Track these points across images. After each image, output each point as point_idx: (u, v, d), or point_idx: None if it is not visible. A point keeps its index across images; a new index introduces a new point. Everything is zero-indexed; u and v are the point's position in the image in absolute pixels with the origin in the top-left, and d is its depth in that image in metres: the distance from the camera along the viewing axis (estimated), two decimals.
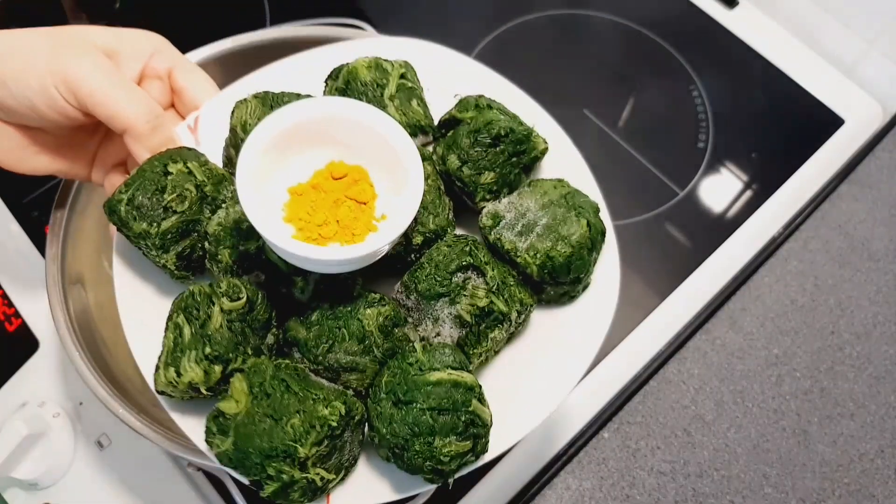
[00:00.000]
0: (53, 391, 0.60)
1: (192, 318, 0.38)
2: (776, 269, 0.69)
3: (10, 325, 0.62)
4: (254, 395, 0.36)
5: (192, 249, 0.42)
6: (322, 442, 0.36)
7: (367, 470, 0.40)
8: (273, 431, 0.35)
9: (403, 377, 0.37)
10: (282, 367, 0.37)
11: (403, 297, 0.41)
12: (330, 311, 0.39)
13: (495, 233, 0.42)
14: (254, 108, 0.44)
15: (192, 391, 0.38)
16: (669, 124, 0.77)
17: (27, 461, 0.55)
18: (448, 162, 0.43)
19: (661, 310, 0.66)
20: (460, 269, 0.40)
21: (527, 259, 0.41)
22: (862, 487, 0.60)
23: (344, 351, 0.38)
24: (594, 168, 0.46)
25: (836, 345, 0.65)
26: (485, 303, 0.39)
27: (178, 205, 0.40)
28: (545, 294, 0.43)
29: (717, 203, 0.72)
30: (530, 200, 0.42)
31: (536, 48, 0.81)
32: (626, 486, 0.60)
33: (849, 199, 0.72)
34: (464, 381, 0.37)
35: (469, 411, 0.36)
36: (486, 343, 0.40)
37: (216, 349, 0.37)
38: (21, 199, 0.69)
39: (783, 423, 0.62)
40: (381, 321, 0.39)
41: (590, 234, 0.41)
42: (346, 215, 0.38)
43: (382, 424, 0.36)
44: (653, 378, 0.64)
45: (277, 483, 0.36)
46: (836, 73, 0.79)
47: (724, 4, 0.84)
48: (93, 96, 0.41)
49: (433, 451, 0.36)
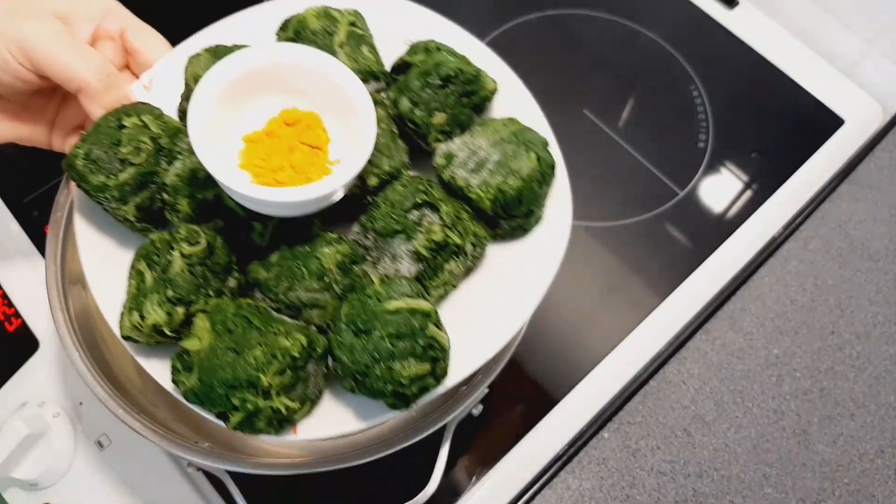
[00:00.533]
0: (53, 391, 0.60)
1: (154, 263, 0.39)
2: (776, 269, 0.69)
3: (10, 325, 0.62)
4: (216, 332, 0.37)
5: (152, 201, 0.42)
6: (284, 371, 0.37)
7: (332, 403, 0.41)
8: (236, 363, 0.36)
9: (362, 307, 0.38)
10: (243, 306, 0.39)
11: (362, 237, 0.42)
12: (289, 251, 0.40)
13: (448, 171, 0.43)
14: (206, 62, 0.44)
15: (157, 334, 0.39)
16: (669, 124, 0.77)
17: (27, 461, 0.55)
18: (400, 105, 0.44)
19: (661, 310, 0.66)
20: (415, 207, 0.41)
21: (479, 194, 0.42)
22: (862, 487, 0.60)
23: (304, 289, 0.40)
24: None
25: (836, 345, 0.65)
26: (440, 237, 0.41)
27: (135, 157, 0.41)
28: (500, 229, 0.44)
29: (717, 203, 0.72)
30: (482, 139, 0.44)
31: (536, 48, 0.81)
32: (626, 486, 0.60)
33: (849, 199, 0.72)
34: (420, 307, 0.38)
35: (426, 336, 0.37)
36: (443, 275, 0.42)
37: (178, 292, 0.38)
38: (21, 199, 0.69)
39: (783, 423, 0.62)
40: (339, 258, 0.40)
41: (539, 168, 0.43)
42: (300, 160, 0.39)
43: (344, 353, 0.38)
44: (653, 378, 0.64)
45: (242, 413, 0.37)
46: (836, 73, 0.79)
47: (724, 4, 0.84)
48: (46, 58, 0.42)
49: (394, 375, 0.37)
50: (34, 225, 0.67)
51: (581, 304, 0.67)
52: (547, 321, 0.66)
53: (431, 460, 0.52)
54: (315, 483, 0.58)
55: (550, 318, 0.66)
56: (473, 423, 0.61)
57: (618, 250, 0.70)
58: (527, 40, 0.81)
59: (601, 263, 0.69)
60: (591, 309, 0.67)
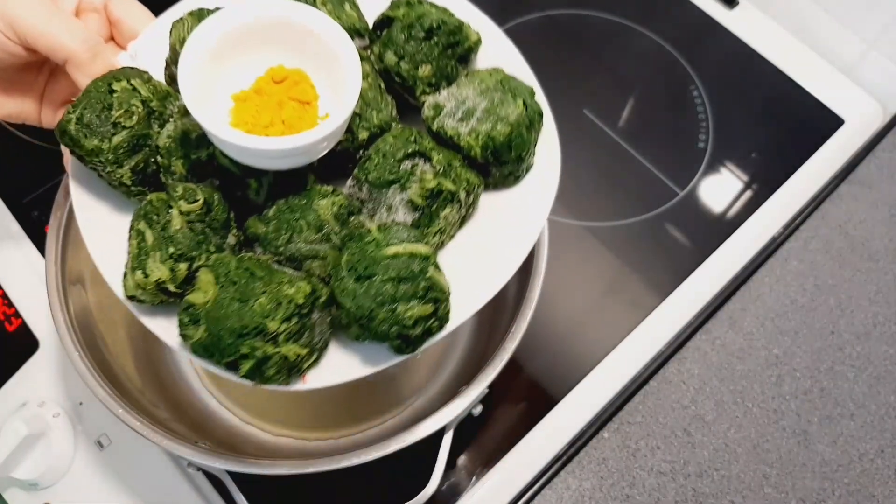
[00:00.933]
0: (53, 391, 0.60)
1: (153, 223, 0.39)
2: (776, 269, 0.69)
3: (10, 325, 0.62)
4: (220, 285, 0.38)
5: (146, 164, 0.43)
6: (291, 318, 0.37)
7: (339, 351, 0.41)
8: (242, 311, 0.37)
9: (362, 255, 0.38)
10: (245, 259, 0.39)
11: (356, 189, 0.43)
12: (286, 205, 0.41)
13: (438, 122, 0.43)
14: (190, 25, 0.44)
15: (162, 292, 0.39)
16: (669, 124, 0.77)
17: (27, 461, 0.55)
18: (386, 59, 0.45)
19: (661, 310, 0.66)
20: (407, 157, 0.42)
21: (469, 142, 0.42)
22: (862, 487, 0.60)
23: (303, 240, 0.40)
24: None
25: (836, 345, 0.65)
26: (433, 184, 0.41)
27: (127, 120, 0.41)
28: (491, 177, 0.45)
29: (717, 203, 0.72)
30: (468, 89, 0.44)
31: (536, 48, 0.81)
32: (626, 486, 0.60)
33: (849, 199, 0.72)
34: (419, 251, 0.39)
35: (427, 278, 0.38)
36: (439, 222, 0.42)
37: (179, 248, 0.39)
38: (21, 199, 0.69)
39: (783, 423, 0.62)
40: (336, 210, 0.41)
41: (527, 114, 0.43)
42: (290, 115, 0.40)
43: (347, 299, 0.38)
44: (653, 378, 0.64)
45: (252, 360, 0.37)
46: (836, 73, 0.79)
47: (724, 4, 0.84)
48: (31, 29, 0.42)
49: (397, 317, 0.37)
50: (34, 225, 0.67)
51: (581, 303, 0.67)
52: (547, 321, 0.66)
53: (431, 460, 0.52)
54: (315, 483, 0.58)
55: (550, 318, 0.66)
56: (473, 423, 0.61)
57: (618, 250, 0.70)
58: (527, 40, 0.81)
59: (601, 263, 0.69)
60: (591, 309, 0.67)
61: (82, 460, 0.58)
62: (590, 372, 0.63)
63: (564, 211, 0.71)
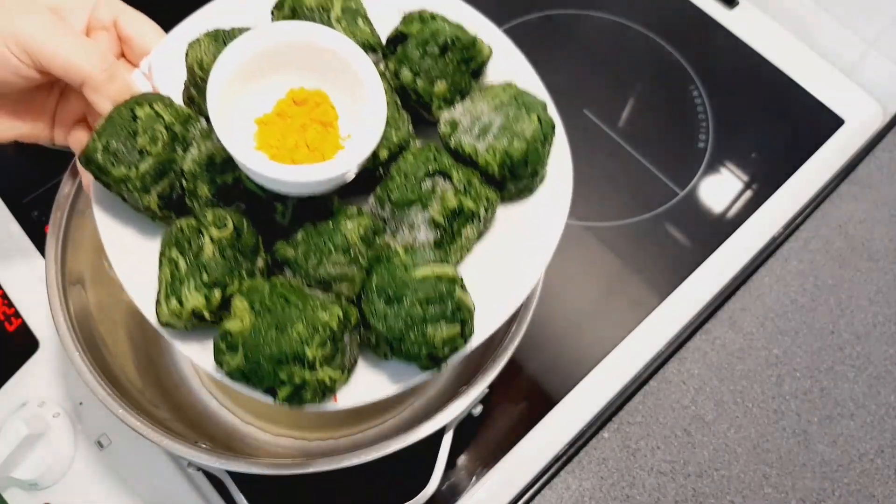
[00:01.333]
0: (53, 391, 0.60)
1: (186, 250, 0.40)
2: (776, 269, 0.69)
3: (10, 325, 0.62)
4: (256, 312, 0.38)
5: (172, 189, 0.43)
6: (326, 344, 0.38)
7: (367, 370, 0.43)
8: (280, 339, 0.38)
9: (391, 278, 0.39)
10: (278, 285, 0.40)
11: (379, 209, 0.44)
12: (313, 228, 0.41)
13: (455, 138, 0.44)
14: (207, 46, 0.44)
15: (196, 318, 0.40)
16: (669, 124, 0.77)
17: (27, 461, 0.55)
18: (402, 76, 0.45)
19: (661, 310, 0.66)
20: (428, 176, 0.42)
21: (487, 159, 0.43)
22: (862, 487, 0.60)
23: (332, 263, 0.41)
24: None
25: (836, 345, 0.65)
26: (454, 203, 0.42)
27: (152, 146, 0.41)
28: (507, 191, 0.45)
29: (717, 203, 0.72)
30: (483, 104, 0.45)
31: (536, 48, 0.81)
32: (626, 486, 0.60)
33: (849, 199, 0.72)
34: (446, 273, 0.40)
35: (454, 299, 0.39)
36: (461, 240, 0.43)
37: (213, 275, 0.39)
38: (21, 199, 0.69)
39: (783, 423, 0.62)
40: (363, 232, 0.41)
41: (542, 129, 0.44)
42: (314, 138, 0.40)
43: (378, 322, 0.39)
44: (653, 378, 0.64)
45: (290, 386, 0.38)
46: (836, 73, 0.79)
47: (724, 4, 0.84)
48: (46, 52, 0.42)
49: (427, 338, 0.39)
50: (34, 225, 0.67)
51: (581, 304, 0.67)
52: (547, 321, 0.66)
53: (431, 460, 0.52)
54: (315, 483, 0.58)
55: (550, 318, 0.66)
56: (473, 423, 0.61)
57: (618, 250, 0.70)
58: (527, 40, 0.81)
59: (601, 263, 0.69)
60: (591, 309, 0.67)
61: (82, 460, 0.58)
62: (590, 372, 0.63)
63: None
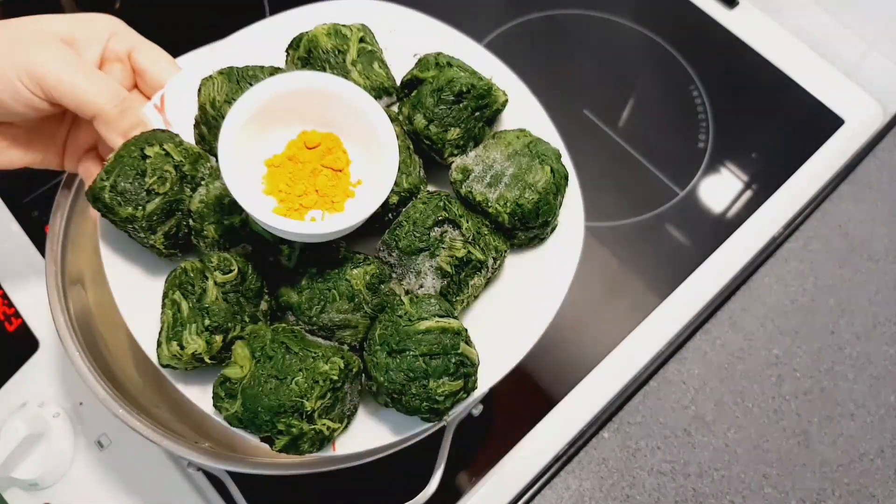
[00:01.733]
0: (53, 391, 0.60)
1: (189, 293, 0.40)
2: (776, 269, 0.69)
3: (10, 325, 0.62)
4: (256, 359, 0.38)
5: (178, 228, 0.43)
6: (325, 395, 0.38)
7: (367, 417, 0.42)
8: (279, 390, 0.37)
9: (395, 329, 0.39)
10: (280, 331, 0.39)
11: (386, 254, 0.43)
12: (318, 274, 0.41)
13: (466, 186, 0.44)
14: (220, 85, 0.44)
15: (196, 361, 0.40)
16: (669, 124, 0.77)
17: (27, 461, 0.55)
18: (415, 122, 0.45)
19: (661, 310, 0.66)
20: (437, 224, 0.42)
21: (498, 208, 0.43)
22: (862, 487, 0.60)
23: (336, 310, 0.40)
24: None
25: (836, 345, 0.65)
26: (463, 253, 0.42)
27: (160, 186, 0.41)
28: (517, 239, 0.45)
29: (717, 203, 0.72)
30: (496, 152, 0.44)
31: (536, 48, 0.81)
32: (626, 486, 0.60)
33: (849, 199, 0.72)
34: (451, 326, 0.39)
35: (458, 353, 0.39)
36: (468, 290, 0.43)
37: (215, 320, 0.39)
38: (21, 199, 0.69)
39: (783, 423, 0.62)
40: (368, 279, 0.41)
41: (554, 180, 0.44)
42: (324, 184, 0.40)
43: (380, 373, 0.39)
44: (653, 378, 0.64)
45: (288, 436, 0.38)
46: (836, 73, 0.79)
47: (724, 4, 0.84)
48: (59, 85, 0.42)
49: (429, 393, 0.38)
50: (34, 225, 0.67)
51: (581, 304, 0.67)
52: None
53: (431, 460, 0.52)
54: (315, 483, 0.58)
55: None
56: (473, 423, 0.61)
57: (618, 250, 0.70)
58: (527, 40, 0.81)
59: (601, 263, 0.69)
60: (591, 309, 0.67)
61: (82, 460, 0.58)
62: (590, 372, 0.63)
63: None
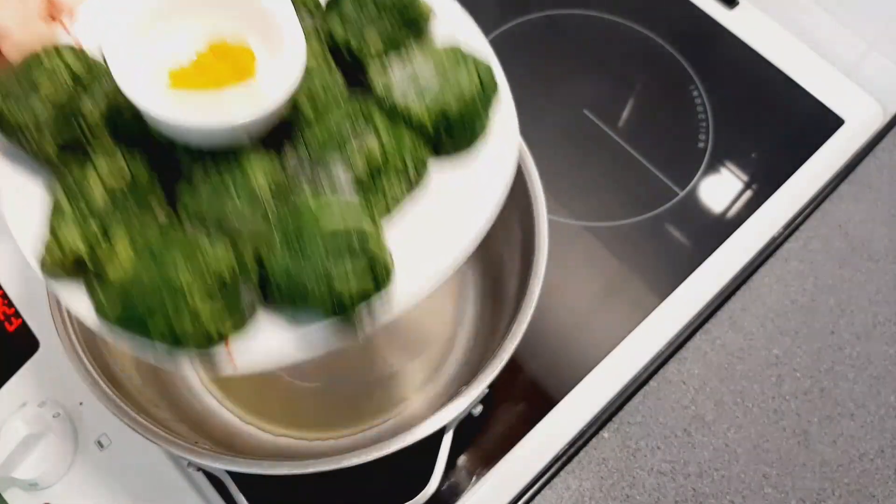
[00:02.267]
0: (53, 391, 0.60)
1: (73, 196, 0.38)
2: (776, 269, 0.69)
3: (10, 325, 0.62)
4: (140, 257, 0.36)
5: (74, 139, 0.41)
6: (214, 294, 0.35)
7: (270, 332, 0.39)
8: (162, 287, 0.35)
9: (299, 230, 0.37)
10: (165, 230, 0.37)
11: (298, 162, 0.41)
12: (218, 175, 0.38)
13: (389, 98, 0.42)
14: None
15: (78, 266, 0.38)
16: (669, 124, 0.77)
17: (27, 461, 0.55)
18: (334, 34, 0.44)
19: (661, 310, 0.66)
20: (353, 127, 0.40)
21: (421, 117, 0.41)
22: (862, 487, 0.60)
23: (237, 213, 0.38)
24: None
25: (836, 345, 0.65)
26: (379, 158, 0.40)
27: (55, 95, 0.40)
28: (443, 149, 0.43)
29: (717, 203, 0.72)
30: (421, 64, 0.43)
31: (536, 48, 0.81)
32: (626, 486, 0.60)
33: (849, 199, 0.72)
34: (359, 227, 0.37)
35: (368, 252, 0.36)
36: (384, 197, 0.41)
37: (98, 220, 0.38)
38: None
39: (783, 423, 0.62)
40: (272, 179, 0.39)
41: (482, 87, 0.42)
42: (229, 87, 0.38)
43: (282, 276, 0.36)
44: (653, 378, 0.64)
45: (171, 336, 0.35)
46: (836, 73, 0.79)
47: (724, 4, 0.84)
48: None
49: (333, 291, 0.36)
50: None
51: (581, 304, 0.67)
52: (547, 321, 0.66)
53: (431, 460, 0.52)
54: (315, 483, 0.58)
55: (550, 318, 0.66)
56: (473, 423, 0.61)
57: (618, 250, 0.70)
58: (527, 40, 0.81)
59: (601, 263, 0.69)
60: (591, 309, 0.67)
61: (82, 460, 0.58)
62: (590, 372, 0.63)
63: (564, 211, 0.71)
